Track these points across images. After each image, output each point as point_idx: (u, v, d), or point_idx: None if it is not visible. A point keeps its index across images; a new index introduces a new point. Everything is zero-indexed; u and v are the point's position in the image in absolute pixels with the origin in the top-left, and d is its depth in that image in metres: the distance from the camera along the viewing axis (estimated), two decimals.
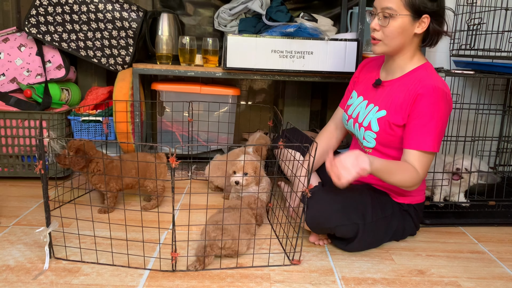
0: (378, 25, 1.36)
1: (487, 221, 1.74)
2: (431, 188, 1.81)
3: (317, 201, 1.36)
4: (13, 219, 1.60)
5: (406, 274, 1.33)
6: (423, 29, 1.35)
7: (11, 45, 2.08)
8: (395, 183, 1.34)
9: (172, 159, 1.15)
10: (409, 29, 1.34)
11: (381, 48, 1.39)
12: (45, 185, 1.24)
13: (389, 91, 1.43)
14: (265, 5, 2.15)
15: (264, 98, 2.59)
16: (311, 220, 1.38)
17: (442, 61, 2.19)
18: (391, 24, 1.33)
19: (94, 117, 2.08)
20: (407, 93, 1.37)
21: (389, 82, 1.45)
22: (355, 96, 1.56)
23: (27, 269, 1.26)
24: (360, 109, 1.51)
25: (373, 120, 1.44)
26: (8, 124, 1.96)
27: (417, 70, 1.40)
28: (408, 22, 1.33)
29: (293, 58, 1.95)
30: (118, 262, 1.30)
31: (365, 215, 1.40)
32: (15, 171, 2.02)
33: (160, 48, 2.05)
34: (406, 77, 1.41)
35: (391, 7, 1.31)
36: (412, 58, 1.42)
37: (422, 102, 1.33)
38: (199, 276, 1.25)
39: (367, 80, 1.55)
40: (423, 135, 1.33)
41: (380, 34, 1.36)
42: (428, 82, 1.33)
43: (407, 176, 1.33)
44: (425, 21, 1.34)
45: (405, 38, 1.36)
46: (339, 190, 1.41)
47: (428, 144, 1.33)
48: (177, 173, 2.22)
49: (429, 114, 1.32)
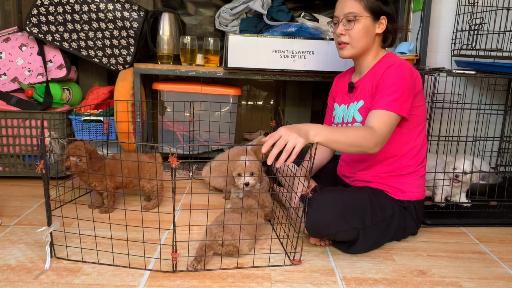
0: (344, 30, 1.48)
1: (488, 222, 1.74)
2: (432, 189, 1.81)
3: (316, 209, 1.36)
4: (14, 219, 1.61)
5: (407, 274, 1.33)
6: (383, 29, 1.49)
7: (12, 44, 2.08)
8: (350, 142, 1.28)
9: (172, 159, 1.14)
10: (371, 29, 1.48)
11: (348, 51, 1.50)
12: (46, 185, 1.24)
13: (362, 87, 1.53)
14: (266, 5, 2.15)
15: (265, 98, 2.59)
16: (311, 228, 1.38)
17: (444, 61, 2.19)
18: (356, 27, 1.46)
19: (95, 116, 2.08)
20: (374, 78, 1.47)
21: (360, 80, 1.55)
22: (337, 106, 1.65)
23: (28, 269, 1.26)
24: (342, 112, 1.60)
25: (355, 113, 1.51)
26: (10, 124, 1.96)
27: (381, 60, 1.51)
28: (369, 23, 1.47)
29: (294, 58, 1.95)
30: (119, 262, 1.30)
31: (365, 219, 1.39)
32: (16, 170, 2.03)
33: (161, 48, 2.05)
34: (372, 69, 1.52)
35: (353, 11, 1.45)
36: (377, 55, 1.53)
37: (384, 74, 1.42)
38: (200, 276, 1.25)
39: (342, 89, 1.65)
40: (382, 97, 1.38)
41: (347, 38, 1.48)
42: (389, 61, 1.45)
43: (361, 133, 1.29)
44: (383, 22, 1.48)
45: (369, 39, 1.48)
46: (337, 195, 1.42)
47: (385, 103, 1.36)
48: (178, 173, 2.22)
49: (389, 81, 1.40)
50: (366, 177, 1.54)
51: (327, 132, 1.25)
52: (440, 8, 2.16)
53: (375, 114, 1.36)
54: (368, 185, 1.53)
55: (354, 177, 1.59)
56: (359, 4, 1.44)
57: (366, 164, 1.53)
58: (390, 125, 1.36)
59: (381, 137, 1.32)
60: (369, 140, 1.29)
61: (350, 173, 1.61)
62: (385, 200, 1.47)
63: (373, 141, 1.30)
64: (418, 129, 1.50)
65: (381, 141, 1.32)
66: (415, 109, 1.47)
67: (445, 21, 2.17)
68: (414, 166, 1.51)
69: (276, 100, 2.59)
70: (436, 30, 2.17)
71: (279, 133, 1.20)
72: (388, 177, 1.51)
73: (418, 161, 1.52)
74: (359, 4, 1.44)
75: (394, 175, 1.50)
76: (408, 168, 1.50)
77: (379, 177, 1.52)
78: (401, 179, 1.50)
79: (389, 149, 1.48)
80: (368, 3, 1.44)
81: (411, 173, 1.51)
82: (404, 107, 1.38)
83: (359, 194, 1.46)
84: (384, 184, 1.51)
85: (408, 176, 1.51)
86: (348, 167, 1.62)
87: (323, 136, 1.24)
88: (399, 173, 1.50)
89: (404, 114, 1.38)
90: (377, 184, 1.51)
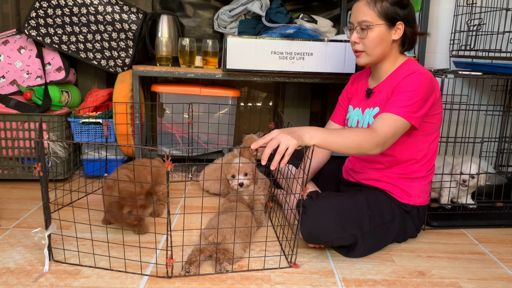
0: (358, 38, 1.43)
1: (494, 223, 1.73)
2: (439, 190, 1.81)
3: (312, 217, 1.34)
4: (13, 222, 1.60)
5: (406, 275, 1.33)
6: (400, 35, 1.43)
7: (11, 47, 2.08)
8: (349, 144, 1.26)
9: (167, 162, 1.14)
10: (387, 37, 1.42)
11: (364, 59, 1.46)
12: (44, 188, 1.24)
13: (379, 93, 1.49)
14: (265, 7, 2.15)
15: (264, 100, 2.59)
16: (308, 236, 1.37)
17: (442, 62, 2.20)
18: (370, 35, 1.40)
19: (94, 119, 2.08)
20: (392, 85, 1.43)
21: (378, 86, 1.51)
22: (351, 109, 1.61)
23: (27, 272, 1.25)
24: (358, 117, 1.56)
25: (370, 119, 1.48)
26: (8, 126, 1.96)
27: (401, 67, 1.47)
28: (384, 30, 1.41)
29: (293, 59, 1.95)
30: (117, 266, 1.30)
31: (362, 225, 1.38)
32: (15, 173, 2.02)
33: (160, 50, 2.05)
34: (391, 76, 1.48)
35: (367, 19, 1.39)
36: (395, 61, 1.48)
37: (403, 81, 1.39)
38: (199, 278, 1.25)
39: (359, 92, 1.61)
40: (395, 101, 1.36)
41: (361, 46, 1.44)
42: (410, 69, 1.41)
43: (361, 134, 1.28)
44: (400, 28, 1.42)
45: (385, 46, 1.43)
46: (334, 201, 1.40)
47: (395, 108, 1.34)
48: (177, 175, 2.22)
49: (406, 88, 1.36)
50: (376, 175, 1.52)
51: (323, 134, 1.24)
52: (439, 9, 2.17)
53: (382, 117, 1.34)
54: (375, 184, 1.52)
55: (364, 174, 1.56)
56: (372, 12, 1.38)
57: (381, 165, 1.51)
58: (395, 129, 1.32)
59: (382, 139, 1.29)
60: (369, 141, 1.27)
61: (361, 169, 1.58)
62: (385, 204, 1.46)
63: (373, 142, 1.28)
64: (433, 136, 1.50)
65: (381, 142, 1.29)
66: (433, 117, 1.45)
67: (444, 22, 2.17)
68: (424, 171, 1.51)
69: (275, 101, 2.59)
70: (434, 31, 2.18)
71: (272, 135, 1.20)
72: (398, 179, 1.49)
73: (428, 167, 1.52)
74: (373, 12, 1.38)
75: (404, 178, 1.49)
76: (419, 173, 1.50)
77: (388, 177, 1.50)
78: (410, 183, 1.49)
79: (405, 154, 1.47)
80: (382, 10, 1.38)
81: (420, 178, 1.50)
82: (415, 115, 1.35)
83: (356, 199, 1.43)
84: (392, 185, 1.50)
85: (417, 181, 1.50)
86: (360, 163, 1.59)
87: (319, 139, 1.22)
88: (410, 176, 1.49)
89: (413, 122, 1.35)
90: (385, 184, 1.50)
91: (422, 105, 1.36)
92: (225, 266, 1.28)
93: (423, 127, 1.43)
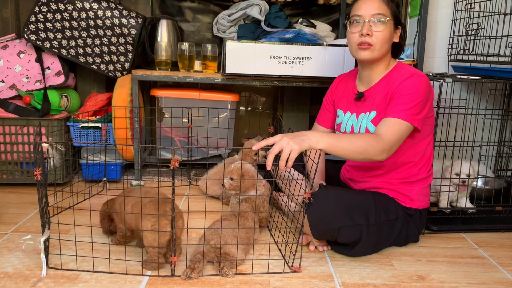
0: (371, 30, 1.40)
1: (494, 227, 1.73)
2: (437, 194, 1.81)
3: (320, 203, 1.36)
4: (11, 226, 1.60)
5: (406, 279, 1.32)
6: (398, 39, 1.47)
7: (10, 52, 2.08)
8: (355, 149, 1.26)
9: (176, 159, 1.14)
10: (392, 36, 1.45)
11: (370, 54, 1.43)
12: (40, 192, 1.23)
13: (372, 96, 1.49)
14: (264, 11, 2.16)
15: (263, 104, 2.59)
16: (315, 224, 1.37)
17: (440, 66, 2.20)
18: (385, 29, 1.40)
19: (93, 123, 2.08)
20: (388, 88, 1.43)
21: (370, 90, 1.51)
22: (342, 114, 1.60)
23: (25, 276, 1.25)
24: (352, 122, 1.55)
25: (368, 123, 1.48)
26: (7, 131, 1.96)
27: (393, 70, 1.48)
28: (392, 30, 1.44)
29: (292, 63, 1.95)
30: (116, 269, 1.30)
31: (369, 216, 1.39)
32: (14, 177, 2.02)
33: (159, 54, 2.06)
34: (384, 79, 1.48)
35: (384, 13, 1.40)
36: (388, 64, 1.50)
37: (402, 84, 1.39)
38: (198, 282, 1.25)
39: (347, 95, 1.60)
40: (396, 105, 1.36)
41: (373, 39, 1.41)
42: (405, 72, 1.42)
43: (367, 139, 1.28)
44: (397, 32, 1.47)
45: (389, 46, 1.45)
46: (341, 192, 1.43)
47: (398, 112, 1.34)
48: (176, 179, 2.21)
49: (406, 91, 1.38)
50: (377, 183, 1.53)
51: (329, 138, 1.24)
52: (437, 14, 2.18)
53: (385, 122, 1.35)
54: (376, 191, 1.52)
55: (364, 183, 1.57)
56: (386, 7, 1.40)
57: (381, 171, 1.52)
58: (399, 134, 1.32)
59: (387, 145, 1.30)
60: (375, 147, 1.27)
61: (360, 178, 1.59)
62: (390, 203, 1.47)
63: (379, 148, 1.28)
64: (429, 138, 1.51)
65: (387, 148, 1.30)
66: (428, 119, 1.46)
67: (442, 26, 2.18)
68: (423, 174, 1.51)
69: (274, 105, 2.59)
70: (433, 36, 2.18)
71: (275, 138, 1.20)
72: (399, 184, 1.50)
73: (426, 170, 1.52)
74: (387, 8, 1.40)
75: (405, 182, 1.50)
76: (418, 176, 1.50)
77: (389, 184, 1.51)
78: (411, 187, 1.50)
79: (403, 157, 1.47)
80: (393, 9, 1.41)
81: (420, 181, 1.51)
82: (417, 118, 1.36)
83: (364, 194, 1.47)
84: (393, 190, 1.50)
85: (418, 184, 1.51)
86: (358, 173, 1.60)
87: (326, 143, 1.23)
88: (410, 180, 1.50)
89: (416, 125, 1.36)
90: (386, 191, 1.51)
91: (423, 107, 1.38)
92: (225, 271, 1.27)
93: (422, 129, 1.44)
